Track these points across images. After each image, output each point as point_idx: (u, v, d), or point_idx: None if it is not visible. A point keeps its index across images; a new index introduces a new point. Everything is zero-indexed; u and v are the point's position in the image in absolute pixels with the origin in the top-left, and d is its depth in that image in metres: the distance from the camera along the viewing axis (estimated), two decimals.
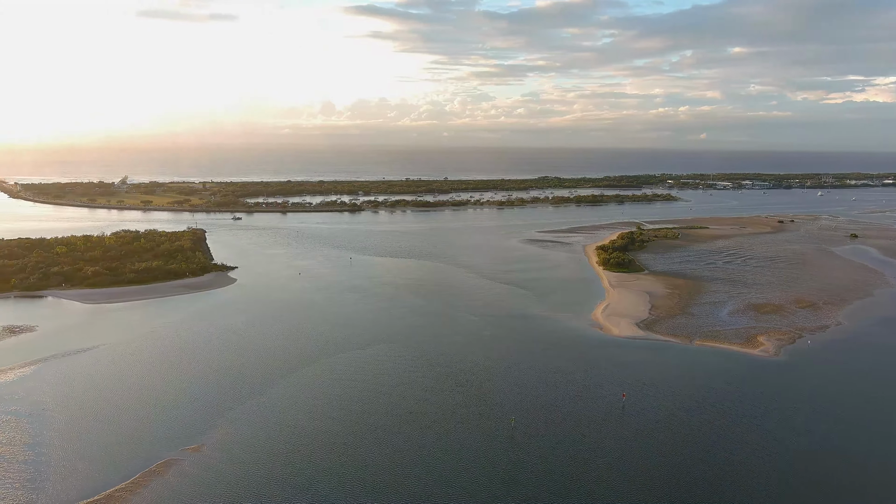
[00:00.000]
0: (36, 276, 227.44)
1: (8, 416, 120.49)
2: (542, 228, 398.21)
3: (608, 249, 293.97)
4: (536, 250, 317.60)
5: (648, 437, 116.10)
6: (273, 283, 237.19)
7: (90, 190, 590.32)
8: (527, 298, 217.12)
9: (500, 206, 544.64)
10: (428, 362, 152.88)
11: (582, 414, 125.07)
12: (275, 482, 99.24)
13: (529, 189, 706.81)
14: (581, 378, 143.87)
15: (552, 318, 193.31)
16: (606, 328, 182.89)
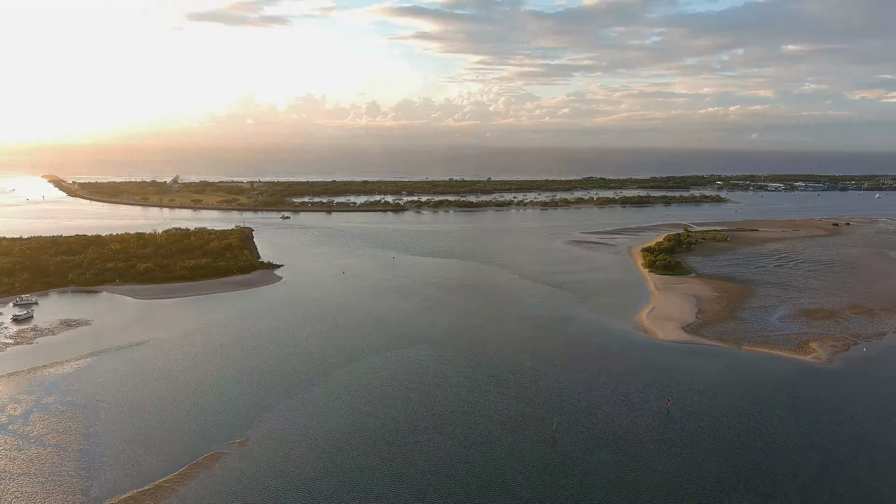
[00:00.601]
0: (92, 272, 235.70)
1: (65, 406, 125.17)
2: (586, 230, 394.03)
3: (654, 251, 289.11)
4: (580, 252, 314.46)
5: (693, 443, 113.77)
6: (317, 282, 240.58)
7: (143, 189, 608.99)
8: (570, 300, 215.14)
9: (543, 207, 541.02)
10: (469, 363, 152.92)
11: (625, 418, 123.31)
12: (317, 478, 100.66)
13: (574, 190, 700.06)
14: (625, 382, 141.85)
15: (596, 320, 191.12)
16: (651, 332, 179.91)
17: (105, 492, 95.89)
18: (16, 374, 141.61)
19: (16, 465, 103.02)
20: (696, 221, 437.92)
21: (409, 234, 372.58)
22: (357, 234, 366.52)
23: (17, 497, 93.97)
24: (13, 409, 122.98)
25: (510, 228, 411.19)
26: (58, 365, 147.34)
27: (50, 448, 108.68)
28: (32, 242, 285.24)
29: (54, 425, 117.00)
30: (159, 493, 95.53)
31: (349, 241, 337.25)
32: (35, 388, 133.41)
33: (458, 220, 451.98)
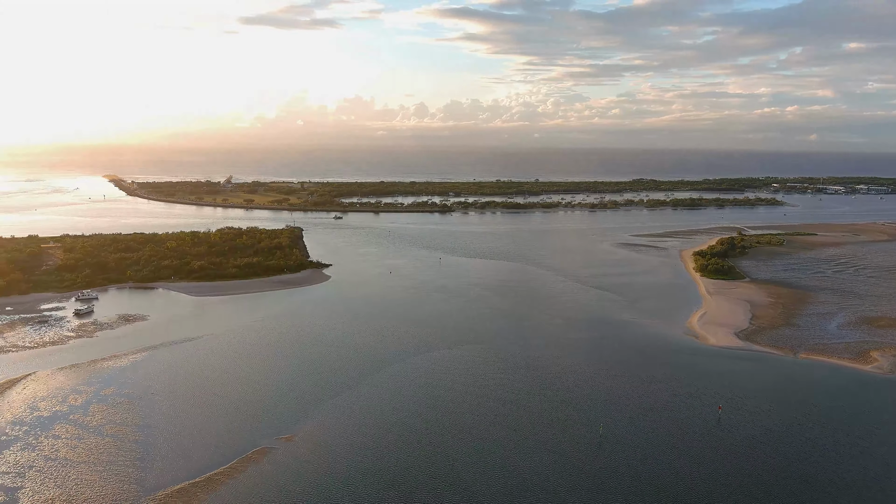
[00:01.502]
0: (149, 269, 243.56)
1: (122, 398, 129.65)
2: (635, 232, 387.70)
3: (706, 255, 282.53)
4: (629, 254, 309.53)
5: (744, 452, 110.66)
6: (365, 281, 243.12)
7: (198, 189, 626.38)
8: (617, 303, 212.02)
9: (591, 209, 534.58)
10: (514, 364, 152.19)
11: (674, 425, 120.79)
12: (362, 475, 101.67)
13: (623, 191, 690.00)
14: (674, 388, 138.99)
15: (644, 324, 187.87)
16: (702, 337, 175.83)
17: (159, 482, 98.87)
18: (77, 365, 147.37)
19: (76, 453, 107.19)
20: (750, 225, 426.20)
21: (455, 235, 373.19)
22: (404, 234, 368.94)
23: (78, 484, 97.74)
24: (74, 400, 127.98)
25: (557, 230, 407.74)
26: (116, 358, 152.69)
27: (108, 438, 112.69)
28: (94, 240, 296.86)
29: (112, 416, 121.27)
30: (210, 486, 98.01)
31: (396, 242, 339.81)
32: (95, 380, 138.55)
33: (505, 222, 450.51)
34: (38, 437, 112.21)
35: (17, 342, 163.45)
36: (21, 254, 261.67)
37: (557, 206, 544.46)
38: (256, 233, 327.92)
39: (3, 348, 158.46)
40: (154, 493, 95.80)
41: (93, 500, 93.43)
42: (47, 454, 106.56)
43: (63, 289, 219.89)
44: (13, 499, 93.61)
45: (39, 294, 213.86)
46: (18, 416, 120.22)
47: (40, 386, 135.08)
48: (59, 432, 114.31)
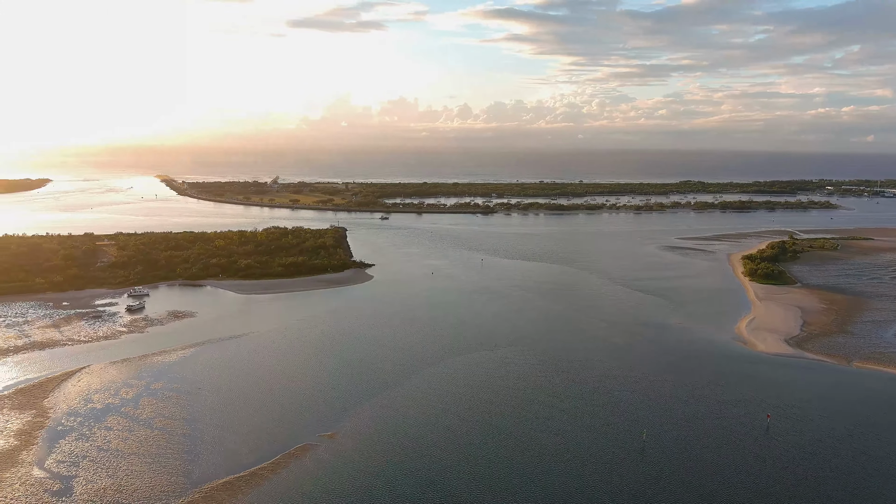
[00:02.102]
0: (197, 267, 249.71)
1: (171, 392, 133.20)
2: (682, 235, 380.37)
3: (755, 259, 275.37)
4: (675, 258, 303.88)
5: (794, 462, 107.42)
6: (407, 281, 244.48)
7: (246, 189, 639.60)
8: (663, 307, 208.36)
9: (637, 211, 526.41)
10: (556, 367, 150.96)
11: (720, 432, 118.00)
12: (403, 474, 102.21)
13: (670, 193, 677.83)
14: (721, 394, 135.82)
15: (690, 329, 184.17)
16: (751, 343, 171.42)
17: (205, 475, 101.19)
18: (129, 360, 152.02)
19: (127, 444, 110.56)
20: (802, 228, 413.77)
21: (497, 236, 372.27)
22: (446, 235, 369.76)
23: (128, 475, 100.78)
24: (125, 393, 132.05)
25: (601, 232, 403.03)
26: (165, 353, 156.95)
27: (157, 431, 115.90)
28: (146, 238, 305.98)
29: (161, 410, 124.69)
30: (254, 481, 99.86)
31: (438, 243, 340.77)
32: (145, 374, 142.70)
33: (548, 223, 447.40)
34: (92, 428, 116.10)
35: (72, 336, 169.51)
36: (77, 251, 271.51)
37: (602, 208, 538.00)
38: (301, 232, 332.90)
39: (59, 342, 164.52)
40: (200, 485, 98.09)
41: (142, 491, 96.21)
42: (100, 445, 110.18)
43: (116, 285, 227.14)
44: (68, 487, 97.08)
45: (94, 290, 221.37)
46: (73, 408, 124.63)
47: (94, 379, 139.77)
48: (111, 424, 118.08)
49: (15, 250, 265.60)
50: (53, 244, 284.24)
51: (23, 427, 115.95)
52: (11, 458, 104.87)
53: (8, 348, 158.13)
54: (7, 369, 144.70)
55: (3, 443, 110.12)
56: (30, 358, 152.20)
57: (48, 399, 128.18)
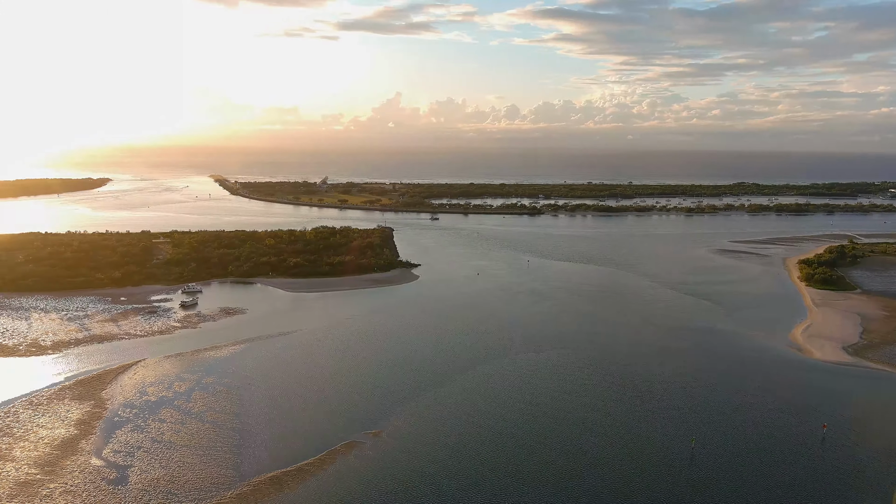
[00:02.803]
0: (248, 265, 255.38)
1: (222, 387, 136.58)
2: (735, 238, 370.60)
3: (812, 264, 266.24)
4: (727, 261, 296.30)
5: (850, 475, 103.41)
6: (452, 282, 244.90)
7: (296, 189, 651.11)
8: (714, 312, 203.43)
9: (688, 213, 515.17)
10: (602, 371, 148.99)
11: (773, 442, 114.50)
12: (447, 474, 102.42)
13: (722, 195, 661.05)
14: (774, 403, 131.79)
15: (742, 334, 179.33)
16: (806, 350, 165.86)
17: (253, 469, 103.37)
18: (182, 354, 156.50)
19: (179, 437, 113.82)
20: (863, 232, 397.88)
21: (544, 237, 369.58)
22: (492, 236, 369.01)
23: (180, 466, 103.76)
24: (178, 387, 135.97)
25: (651, 235, 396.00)
26: (217, 349, 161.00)
27: (208, 424, 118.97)
28: (199, 236, 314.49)
29: (212, 404, 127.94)
30: (300, 476, 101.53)
31: (484, 243, 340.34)
32: (197, 369, 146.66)
33: (596, 225, 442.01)
34: (146, 420, 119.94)
35: (129, 330, 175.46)
36: (135, 248, 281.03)
37: (651, 210, 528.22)
38: (349, 232, 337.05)
39: (117, 335, 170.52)
40: (249, 479, 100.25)
41: (193, 483, 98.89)
42: (154, 436, 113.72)
43: (171, 281, 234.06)
44: (124, 476, 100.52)
45: (150, 286, 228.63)
46: (129, 400, 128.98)
47: (149, 372, 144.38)
48: (164, 416, 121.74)
49: (77, 247, 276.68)
50: (113, 241, 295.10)
51: (82, 417, 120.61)
52: (72, 447, 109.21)
53: (69, 341, 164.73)
54: (69, 361, 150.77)
55: (64, 431, 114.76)
56: (89, 350, 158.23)
57: (106, 391, 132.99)
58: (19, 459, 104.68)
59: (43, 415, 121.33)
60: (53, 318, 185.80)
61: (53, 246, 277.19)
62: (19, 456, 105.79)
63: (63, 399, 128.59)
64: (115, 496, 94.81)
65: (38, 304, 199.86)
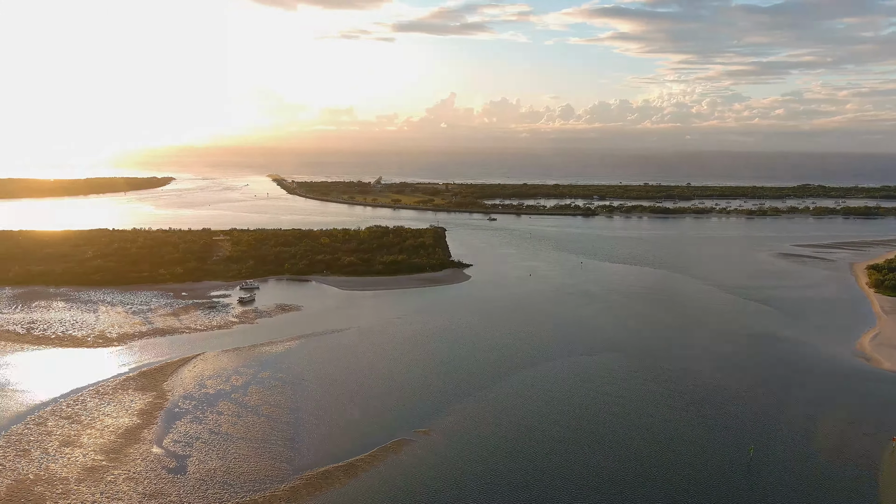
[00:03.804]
0: (304, 263, 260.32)
1: (276, 381, 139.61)
2: (798, 242, 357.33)
3: (882, 269, 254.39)
4: (790, 266, 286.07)
5: None
6: (504, 282, 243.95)
7: (350, 189, 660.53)
8: (774, 318, 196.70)
9: (749, 216, 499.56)
10: (656, 376, 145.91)
11: (836, 454, 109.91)
12: (496, 475, 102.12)
13: (786, 198, 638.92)
14: (839, 413, 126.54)
15: (805, 342, 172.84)
16: (875, 360, 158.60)
17: (306, 463, 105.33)
18: (239, 349, 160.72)
19: (236, 429, 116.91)
20: None
21: (598, 239, 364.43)
22: (545, 237, 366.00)
23: (236, 458, 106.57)
24: (236, 380, 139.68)
25: (709, 237, 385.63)
26: (272, 344, 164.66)
27: (263, 417, 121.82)
28: (257, 234, 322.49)
29: (267, 398, 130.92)
30: (352, 471, 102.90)
31: (537, 244, 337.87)
32: (253, 363, 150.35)
33: (652, 227, 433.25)
34: (205, 412, 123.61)
35: (190, 324, 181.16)
36: (196, 245, 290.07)
37: (710, 212, 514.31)
38: (402, 231, 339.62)
39: (178, 329, 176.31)
40: (301, 472, 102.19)
41: (249, 474, 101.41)
42: (211, 428, 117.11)
43: (229, 278, 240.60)
44: (182, 466, 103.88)
45: (210, 282, 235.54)
46: (189, 392, 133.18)
47: (208, 365, 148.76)
48: (221, 409, 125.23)
49: (142, 243, 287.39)
50: (175, 238, 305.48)
51: (144, 407, 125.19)
52: (134, 435, 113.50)
53: (134, 333, 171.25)
54: (133, 353, 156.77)
55: (128, 420, 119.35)
56: (152, 343, 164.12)
57: (167, 382, 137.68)
58: (86, 446, 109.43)
59: (109, 404, 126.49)
60: (119, 311, 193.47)
61: (120, 242, 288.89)
62: (86, 442, 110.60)
63: (127, 389, 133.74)
64: (174, 484, 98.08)
65: (105, 298, 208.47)
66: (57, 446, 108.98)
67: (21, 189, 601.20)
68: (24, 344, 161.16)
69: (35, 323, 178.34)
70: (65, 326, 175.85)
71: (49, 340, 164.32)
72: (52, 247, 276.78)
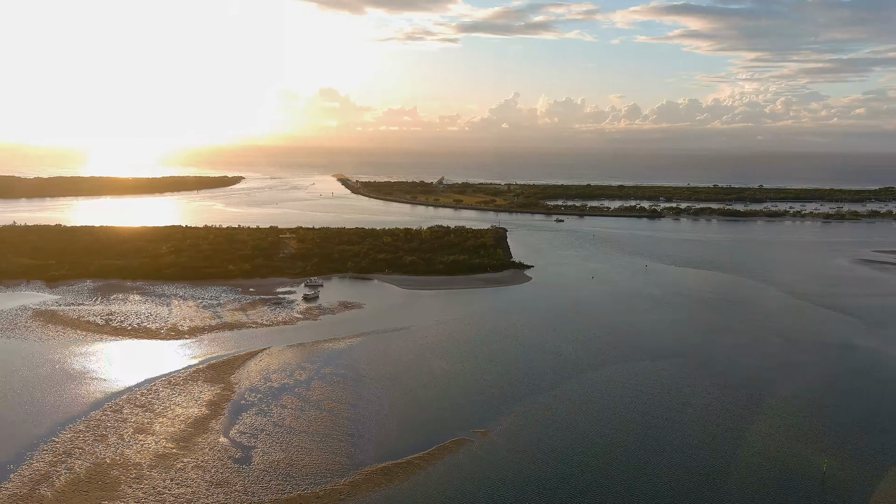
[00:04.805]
0: (366, 262, 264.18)
1: (338, 377, 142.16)
2: (880, 247, 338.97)
3: None
4: (870, 272, 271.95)
5: None
6: (565, 284, 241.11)
7: (413, 189, 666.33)
8: (853, 326, 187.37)
9: (825, 220, 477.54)
10: (722, 384, 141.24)
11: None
12: (554, 478, 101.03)
13: (867, 201, 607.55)
14: None
15: (886, 352, 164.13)
16: None
17: (365, 459, 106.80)
18: (303, 344, 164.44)
19: (299, 422, 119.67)
20: None
21: (664, 241, 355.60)
22: (608, 238, 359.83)
23: (299, 451, 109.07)
24: (299, 375, 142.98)
25: (783, 241, 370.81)
26: (335, 341, 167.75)
27: (324, 412, 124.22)
28: (322, 232, 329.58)
29: (329, 393, 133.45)
30: (410, 469, 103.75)
31: (600, 246, 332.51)
32: (316, 359, 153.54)
33: (722, 230, 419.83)
34: (269, 405, 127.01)
35: (256, 319, 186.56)
36: (264, 242, 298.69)
37: (784, 216, 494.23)
38: (463, 232, 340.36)
39: (245, 324, 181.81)
40: (361, 468, 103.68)
41: (310, 467, 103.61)
42: (275, 420, 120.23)
43: (295, 275, 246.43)
44: (247, 456, 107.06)
45: (276, 278, 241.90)
46: (255, 385, 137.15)
47: (273, 360, 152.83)
48: (285, 402, 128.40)
49: (213, 240, 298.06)
50: (244, 235, 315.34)
51: (213, 398, 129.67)
52: (203, 425, 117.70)
53: (204, 327, 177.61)
54: (202, 346, 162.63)
55: (197, 411, 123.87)
56: (221, 337, 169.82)
57: (234, 375, 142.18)
58: (158, 434, 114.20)
59: (179, 394, 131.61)
60: (191, 305, 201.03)
61: (192, 239, 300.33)
62: (158, 430, 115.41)
63: (197, 380, 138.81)
64: (239, 474, 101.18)
65: (177, 292, 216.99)
66: (131, 433, 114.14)
67: (102, 187, 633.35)
68: (103, 334, 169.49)
69: (113, 315, 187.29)
70: (140, 319, 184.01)
71: (125, 332, 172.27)
72: (129, 242, 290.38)
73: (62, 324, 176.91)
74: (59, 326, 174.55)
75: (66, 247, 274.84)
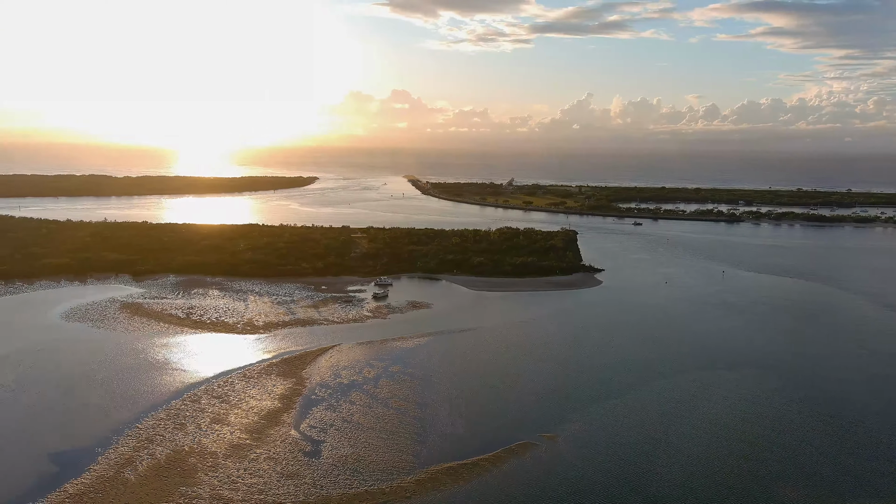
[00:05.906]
0: (435, 262, 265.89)
1: (406, 376, 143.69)
2: None
3: None
4: None
5: None
6: (638, 289, 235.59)
7: (482, 190, 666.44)
8: None
9: None
10: (803, 397, 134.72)
11: None
12: (622, 487, 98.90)
13: None
14: None
15: None
16: None
17: (431, 458, 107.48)
18: (372, 342, 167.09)
19: (366, 419, 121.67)
20: None
21: (743, 247, 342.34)
22: (683, 243, 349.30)
23: (366, 447, 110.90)
24: (368, 373, 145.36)
25: (873, 248, 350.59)
26: (403, 340, 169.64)
27: (392, 410, 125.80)
28: (392, 232, 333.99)
29: (396, 391, 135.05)
30: (475, 470, 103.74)
31: (674, 250, 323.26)
32: (385, 357, 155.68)
33: (806, 236, 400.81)
34: (339, 401, 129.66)
35: (328, 317, 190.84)
36: (336, 241, 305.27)
37: (874, 221, 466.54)
38: (532, 233, 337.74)
39: (317, 321, 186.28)
40: (427, 466, 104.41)
41: (377, 464, 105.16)
42: (344, 416, 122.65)
43: (365, 274, 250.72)
44: (317, 450, 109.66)
45: (347, 277, 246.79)
46: (325, 381, 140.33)
47: (343, 357, 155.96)
48: (354, 399, 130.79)
49: (288, 238, 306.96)
50: (317, 234, 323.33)
51: (285, 392, 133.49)
52: (275, 418, 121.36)
53: (278, 322, 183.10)
54: (277, 340, 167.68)
55: (270, 404, 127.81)
56: (294, 332, 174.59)
57: (305, 370, 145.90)
58: (233, 424, 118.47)
59: (254, 387, 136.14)
60: (266, 301, 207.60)
61: (268, 237, 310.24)
62: (233, 421, 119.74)
63: (270, 374, 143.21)
64: (308, 467, 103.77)
65: (254, 288, 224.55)
66: (208, 423, 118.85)
67: (186, 186, 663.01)
68: (184, 327, 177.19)
69: (193, 309, 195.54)
70: (218, 313, 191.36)
71: (204, 325, 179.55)
72: (209, 239, 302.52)
73: (146, 316, 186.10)
74: (144, 318, 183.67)
75: (151, 243, 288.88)
